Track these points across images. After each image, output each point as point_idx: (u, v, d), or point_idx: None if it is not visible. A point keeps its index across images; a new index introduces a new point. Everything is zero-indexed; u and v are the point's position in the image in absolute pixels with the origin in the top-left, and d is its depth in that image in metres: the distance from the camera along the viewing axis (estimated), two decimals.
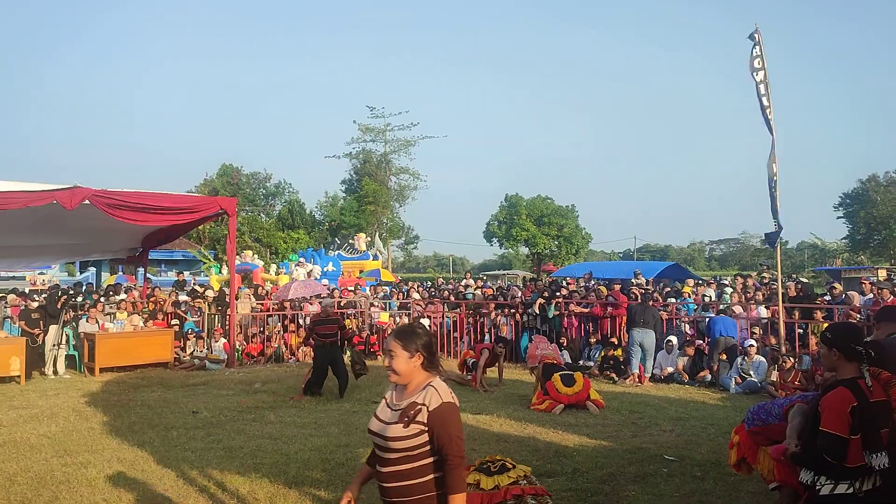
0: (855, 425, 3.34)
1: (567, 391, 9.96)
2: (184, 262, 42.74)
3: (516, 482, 5.08)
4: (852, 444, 3.33)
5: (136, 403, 10.56)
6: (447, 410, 3.08)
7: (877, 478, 3.37)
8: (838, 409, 3.37)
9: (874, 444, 3.36)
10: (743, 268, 63.41)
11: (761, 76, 11.97)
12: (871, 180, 45.42)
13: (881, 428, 3.41)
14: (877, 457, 3.34)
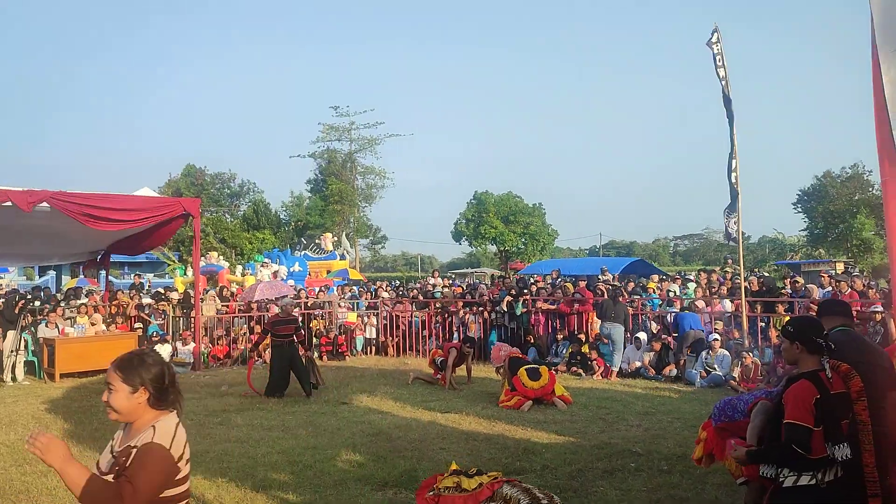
0: (818, 417, 3.39)
1: (533, 385, 10.02)
2: (147, 264, 42.07)
3: (497, 478, 5.13)
4: (815, 436, 3.38)
5: (99, 409, 10.33)
6: (147, 451, 2.53)
7: (838, 469, 3.43)
8: (803, 401, 3.41)
9: (836, 435, 3.40)
10: (707, 263, 64.46)
11: (723, 73, 12.15)
12: (827, 176, 46.42)
13: (842, 419, 3.46)
14: (839, 448, 3.39)
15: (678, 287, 17.01)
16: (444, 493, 5.09)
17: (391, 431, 8.50)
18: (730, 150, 12.29)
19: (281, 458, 7.35)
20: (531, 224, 52.14)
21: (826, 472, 3.41)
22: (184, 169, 56.20)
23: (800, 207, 48.27)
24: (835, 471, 3.41)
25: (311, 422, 9.24)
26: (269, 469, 6.91)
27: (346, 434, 8.42)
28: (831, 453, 3.38)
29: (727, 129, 12.27)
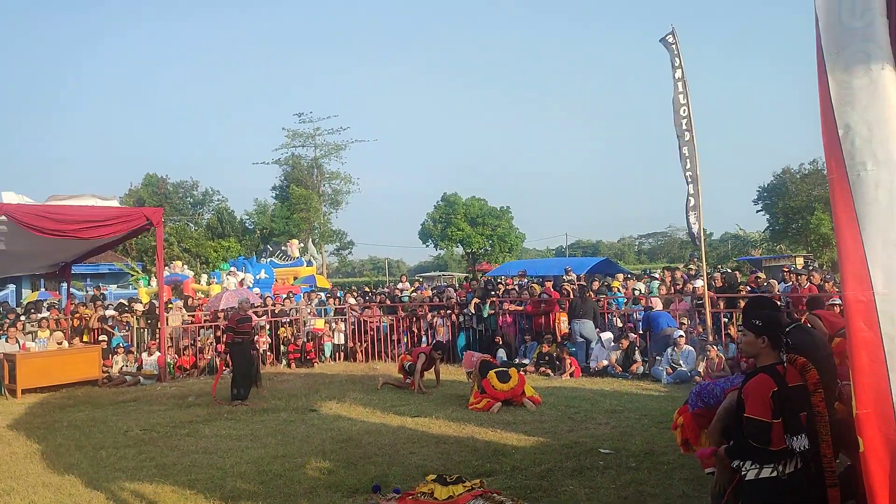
0: (776, 409, 3.48)
1: (503, 387, 10.08)
2: (110, 275, 41.32)
3: (471, 489, 5.13)
4: (775, 428, 3.47)
5: (63, 424, 10.17)
6: None
7: (798, 460, 3.53)
8: (761, 395, 3.51)
9: (794, 427, 3.51)
10: (671, 260, 65.30)
11: (679, 74, 12.35)
12: (786, 173, 47.33)
13: (800, 411, 3.56)
14: (797, 439, 3.49)
15: (643, 285, 17.22)
16: (420, 497, 5.11)
17: (361, 437, 8.49)
18: (682, 151, 12.48)
19: (250, 467, 7.29)
20: (499, 226, 52.34)
21: (786, 464, 3.50)
22: (144, 178, 55.36)
23: (760, 204, 49.15)
24: (794, 462, 3.51)
25: (280, 430, 9.17)
26: (238, 479, 6.85)
27: (315, 441, 8.38)
28: (790, 445, 3.47)
29: (678, 126, 12.46)
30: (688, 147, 12.48)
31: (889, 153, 2.87)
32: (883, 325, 2.89)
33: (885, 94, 2.88)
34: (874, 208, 2.90)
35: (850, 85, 2.98)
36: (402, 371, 12.50)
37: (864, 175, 2.93)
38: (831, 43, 3.02)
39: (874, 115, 2.92)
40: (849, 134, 2.97)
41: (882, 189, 2.88)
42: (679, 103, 12.47)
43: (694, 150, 12.49)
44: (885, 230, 2.87)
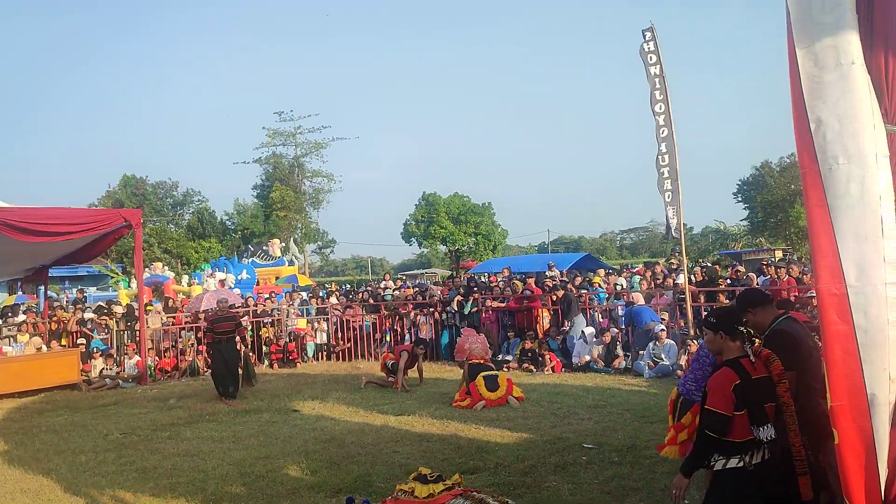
0: (739, 402, 3.57)
1: (490, 395, 10.04)
2: (89, 277, 40.91)
3: (450, 488, 5.11)
4: (737, 420, 3.56)
5: (41, 429, 10.04)
6: None
7: (765, 451, 3.59)
8: (721, 388, 3.61)
9: (759, 418, 3.58)
10: (652, 255, 65.56)
11: (657, 70, 12.39)
12: (765, 167, 47.72)
13: (765, 402, 3.63)
14: (763, 429, 3.55)
15: (624, 280, 17.30)
16: (401, 496, 5.09)
17: (344, 437, 8.45)
18: (659, 146, 12.55)
19: (232, 469, 7.24)
20: (481, 224, 52.36)
21: (754, 454, 3.56)
22: (122, 179, 54.88)
23: (740, 198, 49.54)
24: (762, 453, 3.57)
25: (262, 431, 9.12)
26: (220, 482, 6.80)
27: (298, 442, 8.34)
28: (756, 435, 3.53)
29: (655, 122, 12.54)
30: (666, 143, 12.54)
31: (860, 147, 2.90)
32: (856, 318, 2.92)
33: (855, 88, 2.91)
34: (845, 202, 2.92)
35: (821, 79, 3.01)
36: (385, 370, 12.47)
37: (835, 168, 2.96)
38: (802, 37, 3.05)
39: (844, 108, 2.94)
40: (820, 128, 3.00)
41: (853, 182, 2.90)
42: (655, 99, 12.52)
43: (673, 145, 12.55)
44: (857, 223, 2.90)
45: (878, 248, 2.84)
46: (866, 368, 2.89)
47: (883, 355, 2.83)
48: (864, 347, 2.90)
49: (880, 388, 2.84)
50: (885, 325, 2.83)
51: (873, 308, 2.86)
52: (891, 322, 2.82)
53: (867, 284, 2.87)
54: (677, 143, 12.61)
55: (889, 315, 2.82)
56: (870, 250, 2.86)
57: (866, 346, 2.89)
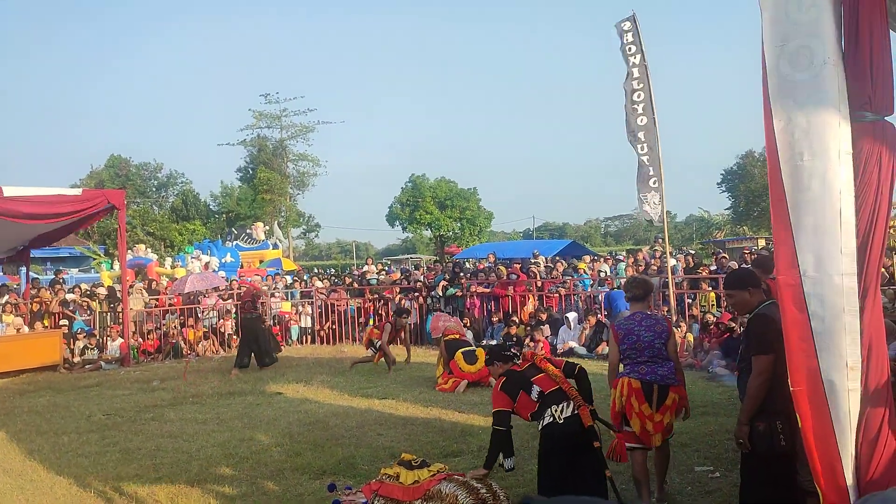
0: (512, 392, 4.86)
1: (470, 369, 10.15)
2: (71, 259, 40.56)
3: (435, 474, 5.13)
4: (520, 403, 4.86)
5: (23, 410, 10.00)
6: None
7: (574, 406, 4.74)
8: (495, 394, 4.93)
9: (528, 387, 4.84)
10: (637, 242, 65.98)
11: (638, 60, 12.37)
12: (749, 156, 48.03)
13: (531, 377, 4.89)
14: (533, 392, 4.83)
15: (609, 267, 17.39)
16: (386, 480, 5.11)
17: (328, 419, 8.48)
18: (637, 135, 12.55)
19: (216, 451, 7.25)
20: (467, 209, 52.32)
21: (563, 409, 4.75)
22: (108, 160, 54.33)
23: (724, 187, 49.88)
24: (570, 409, 4.75)
25: (246, 413, 9.13)
26: (204, 463, 6.81)
27: (282, 424, 8.36)
28: (532, 398, 4.81)
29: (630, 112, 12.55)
30: (645, 131, 12.54)
31: (824, 144, 2.98)
32: (812, 307, 3.02)
33: (825, 88, 2.98)
34: (806, 196, 3.01)
35: (793, 78, 3.08)
36: (371, 347, 12.38)
37: (799, 165, 3.04)
38: (776, 36, 3.10)
39: (814, 107, 3.01)
40: (788, 126, 3.09)
41: (815, 178, 2.99)
42: (633, 89, 12.49)
43: (655, 133, 12.54)
44: (817, 216, 2.98)
45: (835, 240, 2.92)
46: (822, 356, 2.99)
47: (839, 343, 2.92)
48: (819, 335, 2.99)
49: (837, 375, 2.93)
50: (841, 314, 2.92)
51: (829, 297, 2.95)
52: (846, 310, 2.90)
53: (824, 274, 2.96)
54: (659, 132, 12.59)
55: (844, 304, 2.90)
56: (828, 242, 2.94)
57: (822, 334, 2.98)
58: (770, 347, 4.04)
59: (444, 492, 4.76)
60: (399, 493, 4.90)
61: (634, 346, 5.28)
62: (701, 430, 7.28)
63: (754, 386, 4.10)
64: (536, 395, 4.75)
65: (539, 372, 4.89)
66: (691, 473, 5.98)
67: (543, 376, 4.85)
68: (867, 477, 2.79)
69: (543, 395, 4.74)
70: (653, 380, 5.17)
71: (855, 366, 2.88)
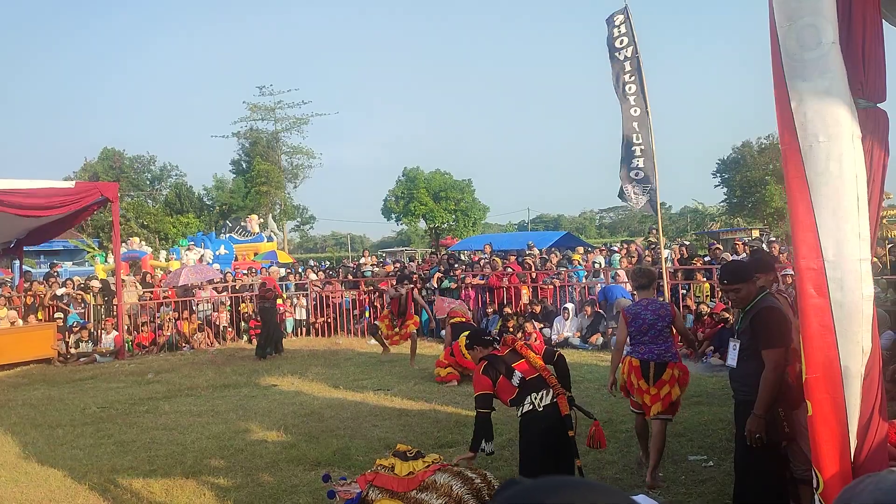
0: (493, 375, 4.90)
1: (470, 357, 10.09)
2: (65, 252, 40.48)
3: (430, 466, 5.14)
4: (500, 387, 4.91)
5: (17, 403, 9.98)
6: None
7: (552, 395, 4.90)
8: (476, 377, 5.03)
9: (509, 372, 4.90)
10: (631, 234, 66.01)
11: (629, 53, 12.33)
12: (745, 146, 48.05)
13: (512, 363, 4.96)
14: (514, 378, 4.87)
15: (603, 258, 17.41)
16: (381, 470, 5.12)
17: (323, 411, 8.49)
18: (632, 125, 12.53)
19: (211, 443, 7.25)
20: (462, 200, 52.27)
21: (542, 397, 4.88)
22: (101, 152, 54.11)
23: (719, 178, 49.90)
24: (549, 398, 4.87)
25: (241, 405, 9.13)
26: (199, 455, 6.81)
27: (277, 416, 8.36)
28: (513, 384, 4.87)
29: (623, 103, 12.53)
30: (638, 122, 12.51)
31: (839, 125, 2.93)
32: (832, 292, 2.97)
33: (834, 68, 2.94)
34: (824, 178, 2.96)
35: (802, 57, 3.03)
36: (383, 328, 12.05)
37: (815, 146, 2.99)
38: (782, 16, 3.07)
39: (825, 88, 2.97)
40: (801, 106, 3.03)
41: (833, 160, 2.94)
42: (625, 81, 12.46)
43: (648, 125, 12.51)
44: (835, 200, 2.94)
45: (853, 225, 2.89)
46: (841, 342, 2.94)
47: (857, 329, 2.89)
48: (839, 321, 2.95)
49: (853, 361, 2.90)
50: (860, 300, 2.89)
51: (848, 282, 2.91)
52: (864, 296, 2.88)
53: (843, 260, 2.91)
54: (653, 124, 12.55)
55: (863, 290, 2.88)
56: (846, 227, 2.91)
57: (841, 319, 2.94)
58: (783, 340, 4.07)
59: (438, 482, 4.78)
60: (394, 483, 4.91)
61: (639, 329, 5.81)
62: (695, 419, 7.32)
63: (772, 379, 4.11)
64: (518, 381, 4.86)
65: (520, 358, 4.97)
66: (685, 463, 6.01)
67: (524, 362, 4.93)
68: (859, 460, 2.80)
69: (524, 381, 4.86)
70: (650, 358, 5.70)
71: (867, 351, 2.87)
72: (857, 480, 1.25)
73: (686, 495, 5.30)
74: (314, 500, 5.45)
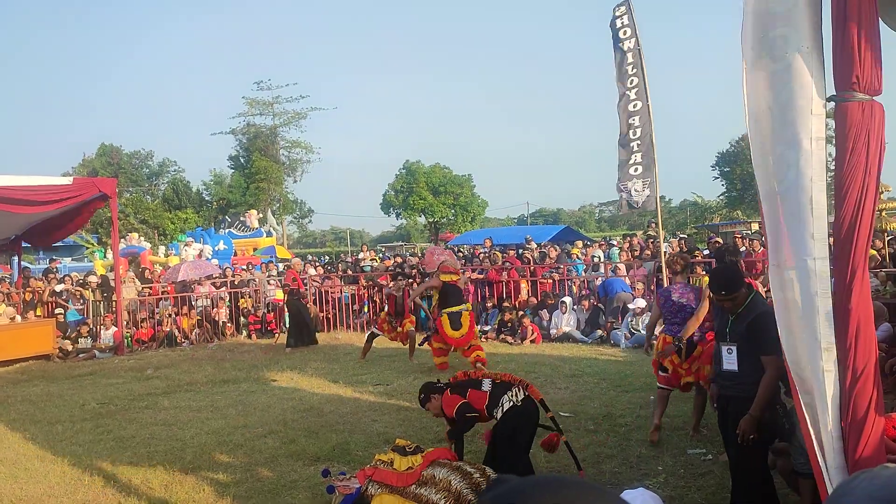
0: (461, 391, 5.28)
1: (454, 335, 10.23)
2: (64, 248, 40.36)
3: (425, 454, 5.16)
4: (471, 397, 5.20)
5: (16, 399, 9.99)
6: None
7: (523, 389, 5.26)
8: (446, 400, 5.27)
9: (474, 383, 5.38)
10: (630, 228, 66.00)
11: (632, 44, 12.31)
12: (743, 140, 48.03)
13: (473, 377, 5.43)
14: (483, 384, 5.32)
15: (602, 252, 17.41)
16: (380, 465, 5.13)
17: (322, 406, 8.49)
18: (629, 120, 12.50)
19: (210, 438, 7.26)
20: (461, 195, 52.24)
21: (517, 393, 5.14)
22: (98, 148, 54.08)
23: (718, 171, 49.89)
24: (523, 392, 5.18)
25: (240, 401, 9.14)
26: (198, 450, 6.81)
27: (276, 411, 8.37)
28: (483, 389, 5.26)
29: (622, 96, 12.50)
30: (639, 116, 12.49)
31: (797, 134, 3.03)
32: (787, 291, 3.11)
33: (798, 76, 3.03)
34: (784, 186, 3.10)
35: (772, 69, 3.14)
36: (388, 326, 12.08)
37: (776, 156, 3.13)
38: (758, 28, 3.16)
39: (787, 97, 3.07)
40: (768, 117, 3.17)
41: (791, 168, 3.06)
42: (627, 74, 12.44)
43: (649, 118, 12.49)
44: (792, 205, 3.05)
45: (807, 226, 2.99)
46: (801, 338, 3.07)
47: (814, 326, 2.97)
48: (799, 319, 3.07)
49: (814, 356, 2.98)
50: (815, 297, 2.98)
51: (804, 282, 3.02)
52: (818, 294, 2.96)
53: (800, 259, 3.04)
54: (653, 116, 12.53)
55: (817, 287, 2.96)
56: (801, 228, 3.02)
57: (800, 317, 3.07)
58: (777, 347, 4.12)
59: (437, 477, 4.79)
60: (393, 478, 4.92)
61: (670, 310, 6.57)
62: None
63: (775, 384, 4.27)
64: (488, 386, 5.17)
65: (479, 379, 5.37)
66: (684, 456, 6.01)
67: (485, 377, 5.35)
68: (855, 456, 2.81)
69: (494, 384, 5.19)
70: (681, 336, 6.34)
71: (829, 347, 2.94)
72: (852, 476, 1.25)
73: (685, 488, 5.31)
74: (313, 495, 5.45)
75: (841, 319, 2.90)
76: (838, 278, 2.95)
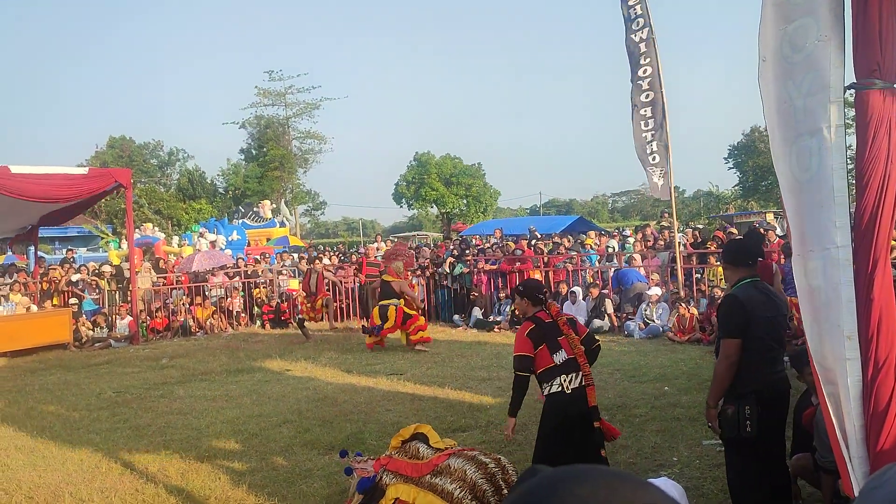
0: (537, 341, 4.71)
1: (383, 325, 11.69)
2: (79, 238, 40.73)
3: (444, 451, 5.15)
4: (539, 355, 4.70)
5: (34, 388, 10.09)
6: None
7: (582, 380, 4.64)
8: (520, 337, 4.81)
9: (553, 346, 4.68)
10: (644, 218, 65.68)
11: (645, 34, 12.23)
12: (755, 131, 47.61)
13: (557, 337, 4.72)
14: (557, 354, 4.66)
15: (616, 242, 17.34)
16: (395, 455, 5.14)
17: (337, 396, 8.52)
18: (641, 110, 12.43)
19: (225, 427, 7.30)
20: (473, 185, 52.14)
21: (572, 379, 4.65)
22: (108, 140, 54.30)
23: (731, 162, 49.52)
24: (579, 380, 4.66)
25: (255, 390, 9.18)
26: (213, 439, 6.86)
27: (291, 400, 8.40)
28: (553, 359, 4.66)
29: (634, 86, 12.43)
30: (652, 106, 12.42)
31: (818, 123, 3.01)
32: (811, 280, 3.09)
33: (819, 66, 3.01)
34: (807, 175, 3.08)
35: (792, 60, 3.11)
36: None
37: (802, 147, 3.10)
38: (780, 19, 3.13)
39: (808, 87, 3.04)
40: (790, 108, 3.14)
41: (814, 156, 3.04)
42: (640, 64, 12.36)
43: (662, 107, 12.42)
44: (815, 193, 3.03)
45: (830, 214, 2.97)
46: (824, 327, 3.04)
47: (837, 314, 2.94)
48: (825, 307, 3.04)
49: (837, 345, 2.96)
50: (838, 285, 2.95)
51: (828, 270, 3.00)
52: (842, 282, 2.93)
53: (823, 248, 3.01)
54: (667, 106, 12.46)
55: (841, 276, 2.93)
56: (824, 216, 3.00)
57: (826, 306, 3.03)
58: (736, 330, 4.07)
59: (452, 467, 4.78)
60: (408, 468, 4.92)
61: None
62: None
63: (720, 369, 4.17)
64: (560, 359, 4.69)
65: (562, 334, 4.80)
66: (699, 447, 6.00)
67: (564, 340, 4.77)
68: (877, 447, 2.78)
69: (565, 360, 4.70)
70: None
71: (851, 335, 2.91)
72: (884, 469, 1.24)
73: (701, 479, 5.30)
74: (328, 483, 5.47)
75: (863, 310, 2.87)
76: (860, 269, 2.91)
